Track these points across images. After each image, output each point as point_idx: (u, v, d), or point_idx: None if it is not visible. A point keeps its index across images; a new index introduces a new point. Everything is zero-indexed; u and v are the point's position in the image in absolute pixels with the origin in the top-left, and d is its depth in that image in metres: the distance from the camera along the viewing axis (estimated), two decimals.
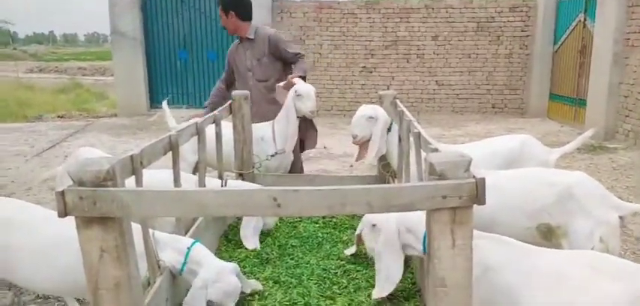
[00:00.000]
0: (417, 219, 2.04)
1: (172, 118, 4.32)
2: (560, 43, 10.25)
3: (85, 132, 9.38)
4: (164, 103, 4.48)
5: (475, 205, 1.37)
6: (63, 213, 1.36)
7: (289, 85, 3.69)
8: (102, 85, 18.58)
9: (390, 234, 2.12)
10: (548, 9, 10.39)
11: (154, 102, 11.54)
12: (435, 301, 1.45)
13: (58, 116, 11.67)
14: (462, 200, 1.35)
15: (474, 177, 1.36)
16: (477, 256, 1.70)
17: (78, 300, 3.12)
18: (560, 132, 8.89)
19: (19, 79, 18.97)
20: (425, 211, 2.24)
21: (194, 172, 3.60)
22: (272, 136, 3.69)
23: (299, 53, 4.08)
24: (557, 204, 2.34)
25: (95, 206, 1.36)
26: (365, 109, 3.21)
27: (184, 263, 2.03)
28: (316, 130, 4.09)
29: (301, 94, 3.57)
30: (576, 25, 9.53)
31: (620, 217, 2.30)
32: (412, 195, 1.37)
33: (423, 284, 2.19)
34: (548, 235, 2.38)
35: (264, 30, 4.14)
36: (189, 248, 2.05)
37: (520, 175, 2.61)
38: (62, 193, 1.35)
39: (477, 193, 1.35)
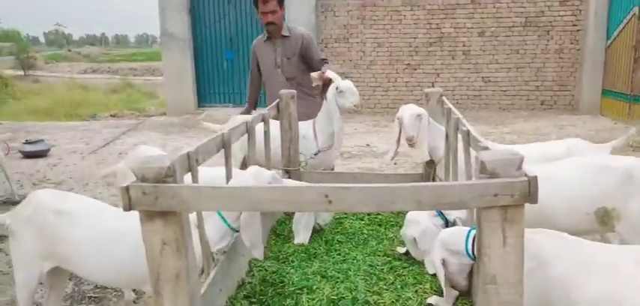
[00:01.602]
0: (457, 237, 2.06)
1: (215, 125, 4.48)
2: (613, 37, 9.86)
3: (136, 130, 9.74)
4: (202, 119, 4.69)
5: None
6: (127, 207, 1.45)
7: (323, 78, 3.70)
8: (151, 85, 19.21)
9: (437, 269, 2.14)
10: (600, 3, 10.02)
11: (202, 101, 11.86)
12: (485, 299, 1.45)
13: (111, 115, 12.17)
14: (513, 199, 1.35)
15: (526, 175, 1.35)
16: (531, 249, 1.70)
17: (134, 291, 3.28)
18: (614, 129, 8.55)
19: (73, 80, 19.86)
20: (459, 227, 2.28)
21: (242, 169, 3.70)
22: (313, 135, 3.74)
23: (325, 59, 4.17)
24: (616, 187, 2.41)
25: (157, 201, 1.45)
26: (411, 109, 3.20)
27: (222, 219, 2.13)
28: None
29: (343, 90, 3.58)
30: (630, 18, 9.14)
31: None
32: (463, 193, 1.38)
33: (472, 281, 2.19)
34: (605, 219, 2.44)
35: (297, 29, 4.21)
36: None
37: (577, 164, 2.62)
38: (127, 188, 1.44)
39: (530, 191, 1.34)
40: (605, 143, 3.41)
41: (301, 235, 2.82)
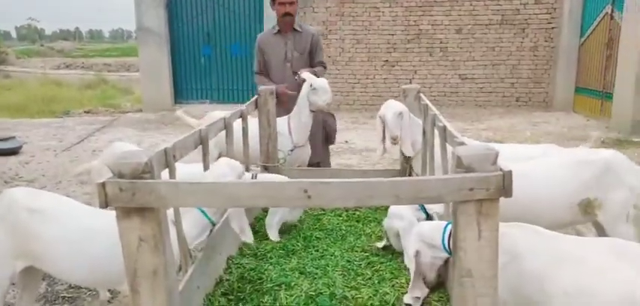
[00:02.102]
0: (435, 231, 2.12)
1: (192, 119, 4.43)
2: (586, 35, 10.06)
3: (111, 127, 9.58)
4: (179, 112, 4.62)
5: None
6: (104, 204, 1.43)
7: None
8: (127, 81, 18.88)
9: (409, 259, 2.19)
10: (574, 1, 10.21)
11: (179, 97, 11.72)
12: (460, 292, 1.48)
13: (85, 112, 11.94)
14: (489, 192, 1.37)
15: (500, 169, 1.38)
16: (506, 244, 1.74)
17: (109, 290, 3.23)
18: (586, 126, 8.75)
19: (46, 76, 19.42)
20: (440, 215, 2.32)
21: None
22: (288, 131, 3.75)
23: (323, 62, 4.26)
24: (596, 178, 2.53)
25: (134, 197, 1.43)
26: (393, 107, 3.21)
27: (203, 213, 2.15)
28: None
29: (316, 87, 3.61)
30: (603, 17, 9.34)
31: None
32: (439, 187, 1.40)
33: (446, 275, 2.22)
34: (588, 209, 2.55)
35: (307, 26, 4.25)
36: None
37: (558, 160, 2.72)
38: (103, 184, 1.42)
39: (504, 185, 1.37)
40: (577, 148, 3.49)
41: (274, 231, 2.85)
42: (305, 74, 3.73)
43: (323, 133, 4.25)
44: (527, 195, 2.48)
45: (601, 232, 2.63)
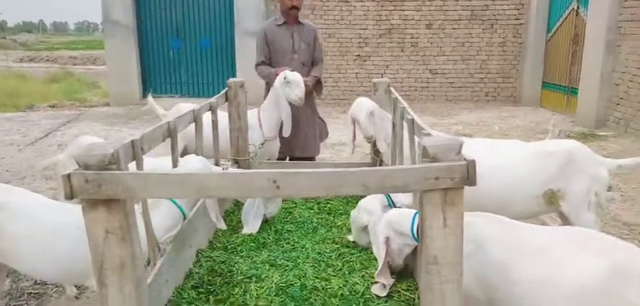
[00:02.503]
0: (404, 218, 2.15)
1: (160, 108, 4.36)
2: (553, 31, 10.31)
3: (77, 121, 9.36)
4: (149, 97, 4.53)
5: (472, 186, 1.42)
6: (69, 195, 1.41)
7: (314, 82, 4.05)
8: (93, 74, 18.47)
9: (379, 245, 2.22)
10: None
11: (147, 91, 11.51)
12: (427, 279, 1.51)
13: (50, 106, 11.62)
14: (453, 181, 1.40)
15: (465, 159, 1.41)
16: (471, 233, 1.78)
17: (76, 286, 3.17)
18: (553, 120, 8.99)
19: (9, 69, 18.83)
20: (410, 206, 2.36)
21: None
22: (258, 124, 3.73)
23: (322, 59, 4.37)
24: (559, 169, 2.62)
25: (100, 189, 1.41)
26: (364, 108, 3.23)
27: (177, 205, 2.16)
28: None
29: (290, 81, 3.61)
30: (569, 13, 9.59)
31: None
32: (406, 177, 1.43)
33: (415, 265, 2.26)
34: (552, 200, 2.65)
35: (307, 20, 4.31)
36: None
37: (524, 153, 2.79)
38: (68, 176, 1.40)
39: (468, 174, 1.40)
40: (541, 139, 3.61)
41: (250, 225, 2.82)
42: (279, 70, 3.76)
43: (317, 129, 4.32)
44: (493, 187, 2.54)
45: (565, 221, 2.71)
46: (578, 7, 9.21)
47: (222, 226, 2.44)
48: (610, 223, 4.21)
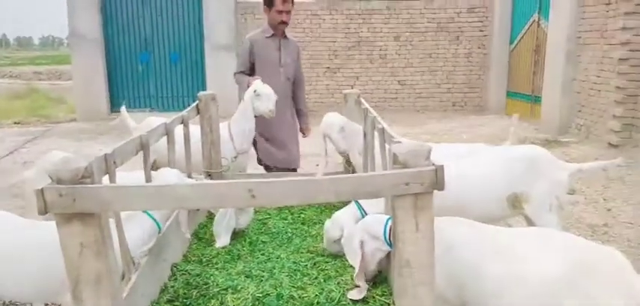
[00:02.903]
0: (377, 223, 2.21)
1: (132, 121, 4.31)
2: (516, 42, 10.63)
3: (44, 138, 9.15)
4: (123, 109, 4.47)
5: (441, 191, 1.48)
6: (43, 210, 1.40)
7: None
8: (59, 89, 18.04)
9: (355, 248, 2.27)
10: (504, 10, 10.76)
11: (115, 106, 11.33)
12: (401, 282, 1.56)
13: (15, 123, 11.30)
14: (423, 186, 1.46)
15: (433, 165, 1.47)
16: (440, 236, 1.84)
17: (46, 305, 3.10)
18: (518, 127, 9.22)
19: None
20: (382, 213, 2.42)
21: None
22: (229, 136, 3.71)
23: (303, 78, 4.39)
24: (522, 174, 2.70)
25: (75, 203, 1.41)
26: (333, 124, 3.30)
27: (152, 218, 2.15)
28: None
29: (260, 93, 3.60)
30: (531, 24, 9.91)
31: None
32: (377, 183, 1.47)
33: (388, 269, 2.31)
34: (516, 203, 2.72)
35: (290, 35, 4.29)
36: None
37: (488, 159, 2.89)
38: (42, 191, 1.40)
39: (437, 179, 1.46)
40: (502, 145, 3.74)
41: (222, 238, 2.82)
42: (253, 80, 3.76)
43: (298, 141, 4.34)
44: (460, 192, 2.62)
45: (529, 224, 2.81)
46: (539, 19, 9.53)
47: (187, 235, 2.51)
48: (574, 224, 4.35)
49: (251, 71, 4.12)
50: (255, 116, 3.66)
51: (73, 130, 9.84)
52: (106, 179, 1.81)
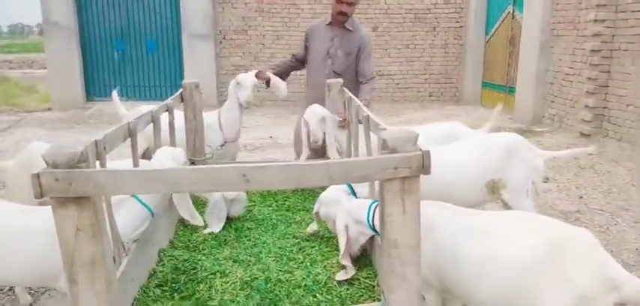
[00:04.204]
0: (361, 208, 2.32)
1: (123, 108, 4.27)
2: (491, 33, 10.81)
3: (17, 127, 8.96)
4: (114, 93, 4.40)
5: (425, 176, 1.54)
6: (39, 194, 1.42)
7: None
8: (30, 78, 17.62)
9: (338, 230, 2.36)
10: (479, 1, 10.92)
11: (91, 94, 11.16)
12: (389, 262, 1.62)
13: None
14: (411, 170, 1.52)
15: (420, 150, 1.53)
16: (422, 219, 1.91)
17: (29, 293, 3.09)
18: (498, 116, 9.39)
19: None
20: (366, 199, 2.48)
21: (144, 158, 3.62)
22: (218, 125, 3.76)
23: (372, 77, 3.95)
24: (501, 160, 2.80)
25: (71, 187, 1.43)
26: (316, 113, 3.34)
27: (142, 203, 2.17)
28: None
29: (239, 82, 3.68)
30: (506, 16, 10.09)
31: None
32: (368, 167, 1.53)
33: (373, 252, 2.39)
34: (494, 189, 2.82)
35: (362, 29, 3.99)
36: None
37: (468, 147, 2.97)
38: (37, 175, 1.41)
39: (424, 164, 1.53)
40: (481, 128, 3.86)
41: (214, 226, 2.86)
42: (270, 75, 3.77)
43: None
44: (442, 178, 2.70)
45: (507, 209, 2.91)
46: (514, 11, 9.71)
47: (199, 222, 2.53)
48: (548, 211, 4.50)
49: (305, 59, 4.07)
50: (242, 106, 3.72)
51: (48, 120, 9.66)
52: (97, 165, 1.83)
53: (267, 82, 3.83)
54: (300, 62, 4.17)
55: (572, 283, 1.55)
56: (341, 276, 2.24)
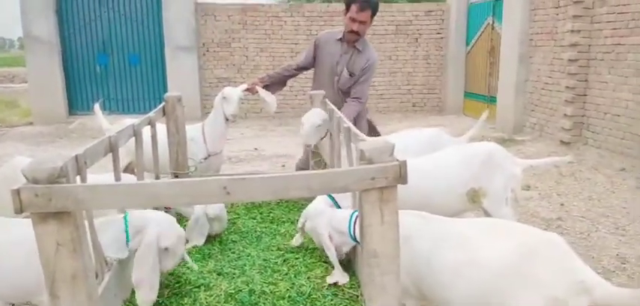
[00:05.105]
0: (343, 218, 2.39)
1: (106, 121, 4.24)
2: (471, 44, 10.99)
3: None
4: (96, 107, 4.38)
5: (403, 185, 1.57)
6: (19, 210, 1.42)
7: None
8: (11, 93, 17.40)
9: (323, 241, 2.44)
10: (459, 13, 11.10)
11: (73, 108, 11.06)
12: (369, 272, 1.65)
13: None
14: (388, 180, 1.55)
15: (397, 160, 1.57)
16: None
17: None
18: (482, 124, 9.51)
19: None
20: (348, 209, 2.53)
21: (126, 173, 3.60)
22: (202, 138, 3.77)
23: (359, 98, 3.86)
24: (481, 169, 2.85)
25: (50, 202, 1.44)
26: (313, 118, 3.34)
27: (126, 232, 2.09)
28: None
29: (225, 96, 3.71)
30: (485, 27, 10.27)
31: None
32: (346, 178, 1.56)
33: (355, 262, 2.42)
34: (474, 198, 2.87)
35: (371, 50, 3.93)
36: (124, 217, 2.12)
37: (448, 157, 3.02)
38: (18, 191, 1.41)
39: (401, 173, 1.56)
40: (465, 134, 3.94)
41: (196, 240, 2.85)
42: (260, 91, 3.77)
43: None
44: (422, 188, 2.75)
45: (488, 217, 2.96)
46: (493, 22, 9.88)
47: (194, 267, 2.43)
48: (529, 219, 4.57)
49: (309, 65, 4.02)
50: (227, 119, 3.75)
51: (29, 134, 9.55)
52: (77, 180, 1.83)
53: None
54: (300, 69, 4.12)
55: (544, 286, 1.60)
56: (331, 279, 2.31)
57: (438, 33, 11.63)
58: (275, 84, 4.08)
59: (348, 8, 3.73)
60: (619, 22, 6.35)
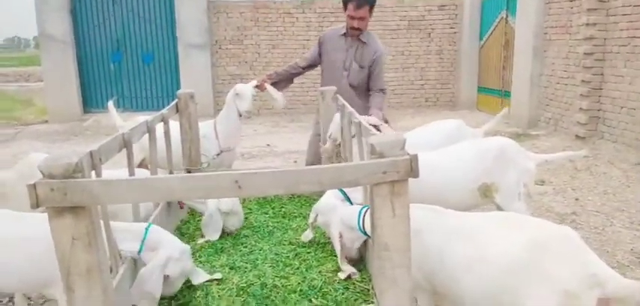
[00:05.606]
0: (352, 215, 2.40)
1: (119, 118, 4.29)
2: (485, 39, 10.89)
3: (14, 140, 8.98)
4: (110, 104, 4.43)
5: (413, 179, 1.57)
6: (35, 204, 1.45)
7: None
8: (27, 91, 17.65)
9: (334, 239, 2.47)
10: (473, 7, 11.00)
11: (88, 106, 11.20)
12: (380, 265, 1.65)
13: None
14: (399, 174, 1.55)
15: (408, 154, 1.57)
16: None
17: (29, 301, 3.10)
18: (488, 122, 9.45)
19: None
20: (358, 205, 2.53)
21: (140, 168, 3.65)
22: (214, 135, 3.80)
23: (383, 89, 3.94)
24: (493, 164, 2.84)
25: (66, 197, 1.46)
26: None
27: (142, 243, 2.13)
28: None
29: (239, 93, 3.72)
30: (499, 21, 10.17)
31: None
32: (357, 172, 1.56)
33: (366, 256, 2.43)
34: (487, 193, 2.86)
35: (376, 42, 3.95)
36: (146, 229, 2.15)
37: (460, 152, 3.00)
38: (34, 185, 1.44)
39: (412, 167, 1.56)
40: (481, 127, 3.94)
41: (211, 235, 2.88)
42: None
43: None
44: (435, 182, 2.74)
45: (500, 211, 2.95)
46: (507, 16, 9.78)
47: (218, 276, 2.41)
48: (544, 214, 4.53)
49: (316, 62, 4.06)
50: (240, 116, 3.75)
51: (45, 132, 9.69)
52: (92, 175, 1.86)
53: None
54: (306, 68, 4.16)
55: (555, 279, 1.59)
56: (343, 275, 2.32)
57: (451, 28, 11.55)
58: (282, 81, 4.12)
59: (345, 7, 3.81)
60: (635, 14, 6.25)
